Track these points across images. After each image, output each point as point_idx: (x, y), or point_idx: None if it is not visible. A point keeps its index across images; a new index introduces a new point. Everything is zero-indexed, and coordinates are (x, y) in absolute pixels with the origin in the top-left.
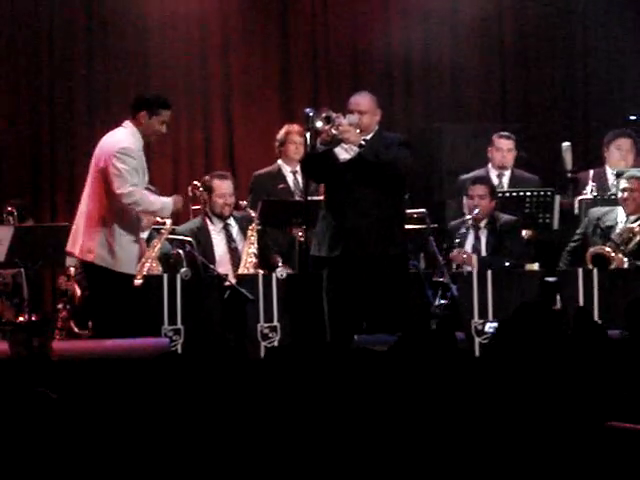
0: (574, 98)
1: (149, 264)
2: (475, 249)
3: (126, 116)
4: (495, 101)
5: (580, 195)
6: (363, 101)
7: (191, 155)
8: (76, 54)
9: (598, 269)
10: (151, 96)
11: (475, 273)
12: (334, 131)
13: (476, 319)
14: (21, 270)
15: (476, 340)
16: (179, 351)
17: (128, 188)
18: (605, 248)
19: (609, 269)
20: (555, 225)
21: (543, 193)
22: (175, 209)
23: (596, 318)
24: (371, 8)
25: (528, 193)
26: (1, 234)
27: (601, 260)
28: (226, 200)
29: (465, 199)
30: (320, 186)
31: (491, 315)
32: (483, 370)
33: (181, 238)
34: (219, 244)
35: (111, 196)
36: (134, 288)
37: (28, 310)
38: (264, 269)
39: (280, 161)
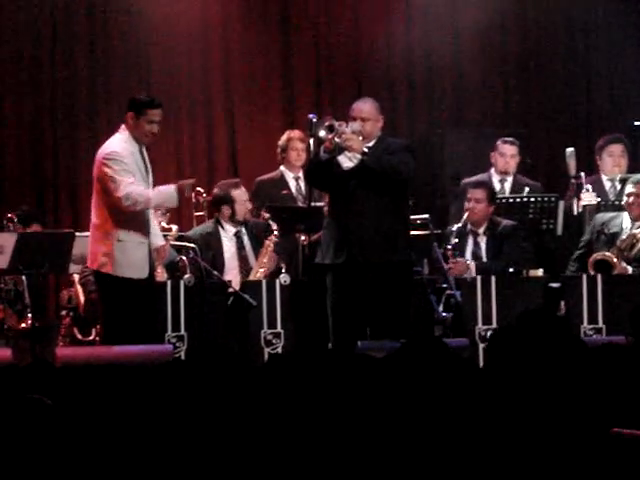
0: (577, 104)
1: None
2: (475, 255)
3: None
4: (498, 107)
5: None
6: (365, 108)
7: (194, 161)
8: (78, 60)
9: (601, 274)
10: (137, 97)
11: (479, 279)
12: (337, 140)
13: (480, 325)
14: (23, 277)
15: (480, 346)
16: (182, 358)
17: (123, 191)
18: (607, 254)
19: (612, 275)
20: (559, 231)
21: (547, 199)
22: (184, 191)
23: (600, 324)
24: (373, 15)
25: (532, 199)
26: (4, 241)
27: (604, 266)
28: (246, 207)
29: (465, 204)
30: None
31: (495, 321)
32: (486, 377)
33: (184, 244)
34: (229, 250)
35: (109, 203)
36: (142, 292)
37: (31, 317)
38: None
39: (282, 167)
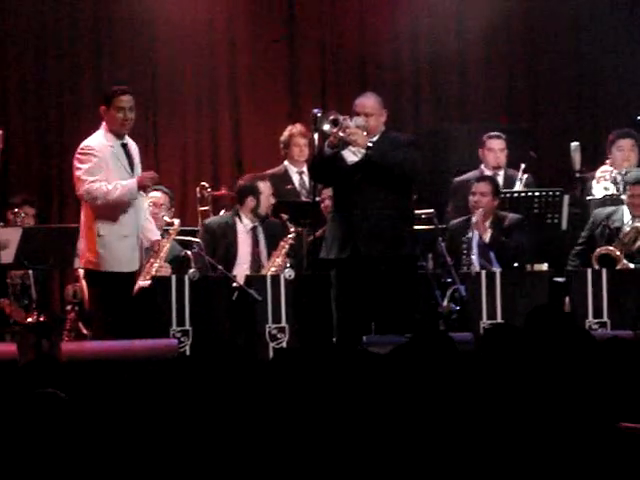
0: (582, 97)
1: (158, 264)
2: (481, 250)
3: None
4: (503, 101)
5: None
6: (369, 103)
7: (199, 156)
8: (83, 58)
9: (606, 269)
10: (107, 91)
11: (483, 274)
12: (341, 134)
13: (484, 320)
14: (29, 272)
15: None
16: (187, 352)
17: (84, 187)
18: (611, 248)
19: (617, 269)
20: (563, 225)
21: (552, 193)
22: (145, 185)
23: (605, 318)
24: (379, 9)
25: (537, 193)
26: (9, 235)
27: (608, 260)
28: (270, 201)
29: (470, 198)
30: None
31: (500, 315)
32: (493, 373)
33: (189, 239)
34: (243, 243)
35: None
36: (127, 286)
37: (36, 311)
38: None
39: (286, 162)
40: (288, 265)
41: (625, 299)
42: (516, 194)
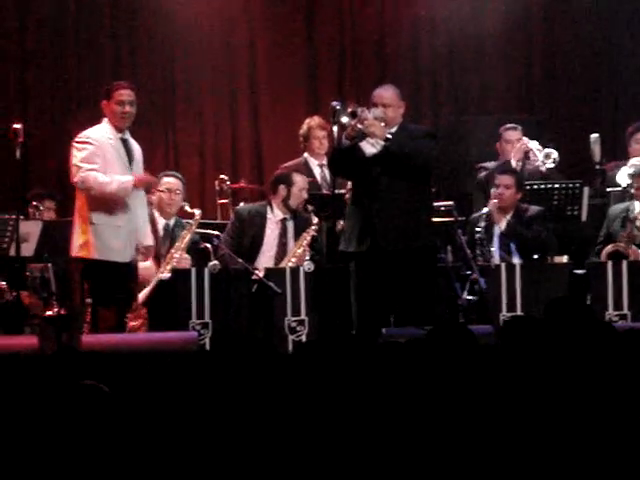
0: (601, 90)
1: (178, 255)
2: (502, 242)
3: (151, 115)
4: (522, 94)
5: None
6: (387, 94)
7: (218, 149)
8: (103, 57)
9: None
10: (106, 86)
11: (503, 266)
12: (360, 126)
13: (504, 312)
14: (49, 264)
15: None
16: (207, 345)
17: (80, 175)
18: (618, 244)
19: (638, 261)
20: (583, 217)
21: (572, 185)
22: (141, 186)
23: (625, 310)
24: (398, 2)
25: (556, 185)
26: (30, 229)
27: (618, 257)
28: (303, 194)
29: (493, 191)
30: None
31: (519, 308)
32: (513, 364)
33: (209, 232)
34: (271, 235)
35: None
36: (123, 275)
37: (56, 304)
38: None
39: (306, 155)
40: (308, 258)
41: None
42: (535, 186)
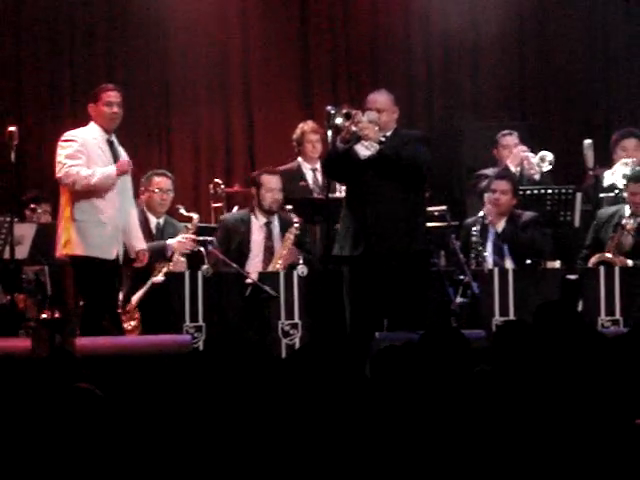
0: (595, 95)
1: (176, 257)
2: (496, 247)
3: (145, 118)
4: (515, 98)
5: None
6: (381, 99)
7: (212, 153)
8: (96, 54)
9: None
10: (95, 90)
11: (496, 271)
12: (354, 128)
13: (497, 317)
14: (44, 267)
15: None
16: (200, 348)
17: (63, 171)
18: (605, 255)
19: (630, 267)
20: (576, 223)
21: (564, 190)
22: (124, 171)
23: (617, 316)
24: (391, 5)
25: (549, 191)
26: (24, 231)
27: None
28: (274, 195)
29: (486, 196)
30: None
31: (512, 312)
32: (506, 370)
33: (203, 239)
34: (257, 239)
35: (62, 187)
36: (107, 272)
37: (51, 307)
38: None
39: (300, 159)
40: (301, 262)
41: (638, 297)
42: (529, 191)
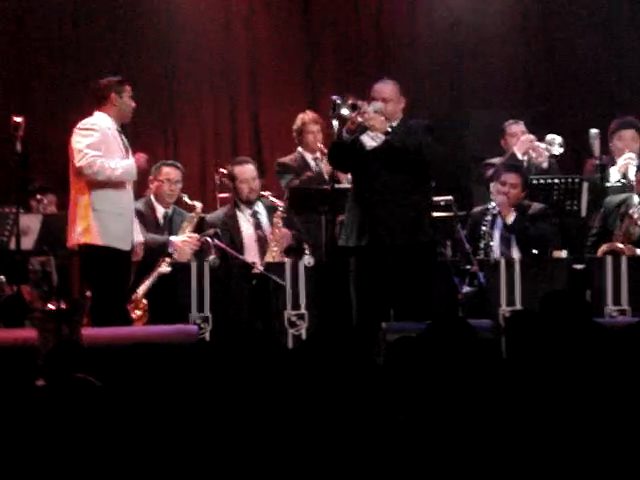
0: (601, 83)
1: (178, 253)
2: (503, 238)
3: (151, 109)
4: (521, 87)
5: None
6: (386, 89)
7: (218, 143)
8: (102, 47)
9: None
10: (111, 80)
11: (503, 261)
12: (360, 119)
13: (503, 307)
14: (50, 258)
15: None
16: (207, 338)
17: (86, 160)
18: (614, 244)
19: (637, 256)
20: (583, 212)
21: (571, 180)
22: (139, 167)
23: (625, 305)
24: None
25: (556, 180)
26: (30, 222)
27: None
28: (250, 185)
29: (493, 185)
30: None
31: (519, 303)
32: (512, 361)
33: (209, 232)
34: (247, 231)
35: (80, 176)
36: (125, 263)
37: (57, 298)
38: (292, 255)
39: (300, 149)
40: (307, 253)
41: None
42: (535, 181)
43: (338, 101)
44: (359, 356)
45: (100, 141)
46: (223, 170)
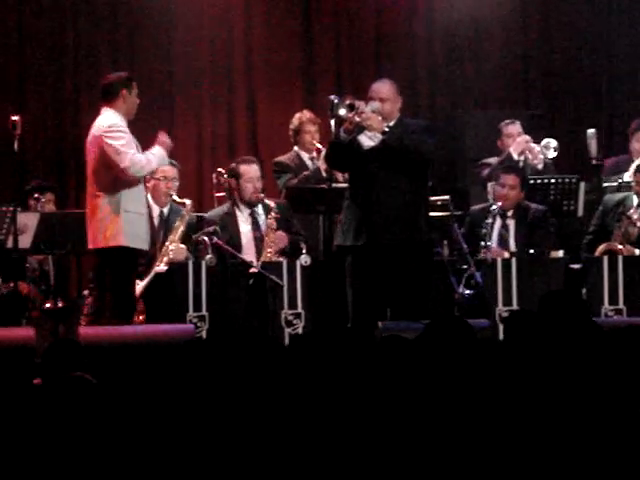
0: (599, 83)
1: (174, 247)
2: (501, 238)
3: (149, 108)
4: (518, 87)
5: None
6: (384, 88)
7: (215, 143)
8: (100, 46)
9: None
10: (121, 76)
11: (499, 261)
12: (357, 119)
13: (500, 306)
14: (48, 257)
15: (500, 327)
16: (204, 337)
17: (129, 159)
18: (612, 244)
19: (634, 256)
20: (580, 212)
21: (568, 180)
22: (167, 149)
23: (621, 305)
24: None
25: (553, 180)
26: (27, 220)
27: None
28: (255, 184)
29: (490, 185)
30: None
31: (515, 303)
32: (510, 360)
33: (206, 231)
34: (245, 232)
35: (113, 176)
36: (137, 262)
37: (55, 297)
38: (288, 255)
39: (296, 148)
40: (304, 251)
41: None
42: (532, 181)
43: (336, 101)
44: (355, 354)
45: (131, 139)
46: (220, 170)
